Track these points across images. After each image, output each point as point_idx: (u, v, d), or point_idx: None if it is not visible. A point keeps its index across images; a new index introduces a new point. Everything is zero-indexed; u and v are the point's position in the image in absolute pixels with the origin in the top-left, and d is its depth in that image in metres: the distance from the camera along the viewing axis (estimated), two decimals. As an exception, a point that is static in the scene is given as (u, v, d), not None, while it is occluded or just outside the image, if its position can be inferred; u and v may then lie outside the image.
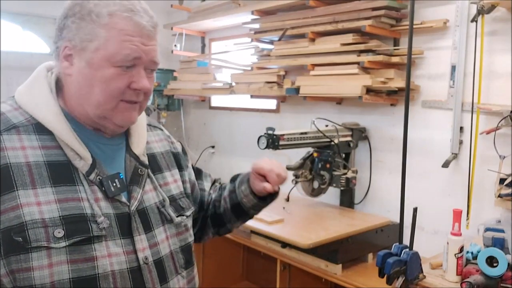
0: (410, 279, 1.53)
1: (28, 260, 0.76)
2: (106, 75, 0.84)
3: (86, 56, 0.84)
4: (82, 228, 0.81)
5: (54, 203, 0.80)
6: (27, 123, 0.84)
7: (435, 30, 2.25)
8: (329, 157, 2.40)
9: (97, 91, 0.85)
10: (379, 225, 2.27)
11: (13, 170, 0.79)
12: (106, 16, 0.84)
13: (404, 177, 2.06)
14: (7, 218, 0.76)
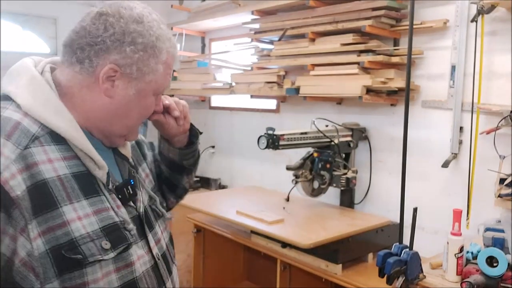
0: (410, 279, 1.53)
1: (82, 275, 0.75)
2: (148, 103, 0.90)
3: (139, 85, 0.86)
4: (121, 236, 0.83)
5: (92, 215, 0.80)
6: (43, 132, 0.79)
7: (435, 30, 2.25)
8: (329, 157, 2.40)
9: (134, 115, 0.89)
10: (379, 225, 2.27)
11: (51, 186, 0.76)
12: (165, 54, 0.88)
13: (404, 177, 2.06)
14: (53, 237, 0.74)
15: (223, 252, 2.93)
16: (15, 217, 0.71)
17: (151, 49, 0.86)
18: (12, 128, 0.75)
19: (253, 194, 2.97)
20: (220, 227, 2.59)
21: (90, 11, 0.88)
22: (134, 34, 0.85)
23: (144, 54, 0.86)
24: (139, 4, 0.90)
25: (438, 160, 2.23)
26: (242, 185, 3.47)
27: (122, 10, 0.86)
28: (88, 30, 0.84)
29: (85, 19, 0.87)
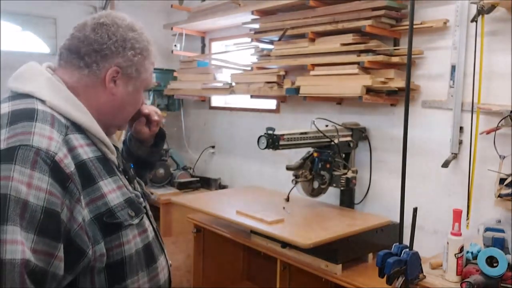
0: (410, 279, 1.53)
1: (119, 238, 0.91)
2: (140, 98, 1.09)
3: (136, 83, 1.04)
4: (138, 207, 0.99)
5: (117, 190, 0.95)
6: (68, 123, 0.92)
7: (435, 30, 2.25)
8: (329, 157, 2.40)
9: (130, 109, 1.08)
10: (379, 225, 2.27)
11: (88, 166, 0.90)
12: (152, 55, 1.06)
13: (404, 177, 2.06)
14: (95, 207, 0.88)
15: (223, 252, 2.93)
16: (71, 190, 0.83)
17: (145, 52, 1.04)
18: (51, 119, 0.88)
19: (253, 194, 2.97)
20: (220, 227, 2.59)
21: (86, 22, 0.99)
22: (132, 40, 1.00)
23: (141, 57, 1.02)
24: (126, 15, 1.04)
25: (438, 160, 2.23)
26: (242, 185, 3.47)
27: (117, 21, 1.00)
28: (93, 38, 0.97)
29: (84, 29, 0.98)
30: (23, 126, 0.83)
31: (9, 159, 0.78)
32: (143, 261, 0.97)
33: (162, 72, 4.02)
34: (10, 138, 0.81)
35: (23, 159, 0.79)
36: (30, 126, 0.83)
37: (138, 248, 0.96)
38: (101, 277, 0.89)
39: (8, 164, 0.77)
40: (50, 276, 0.78)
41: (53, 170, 0.81)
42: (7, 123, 0.84)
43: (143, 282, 0.96)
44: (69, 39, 1.00)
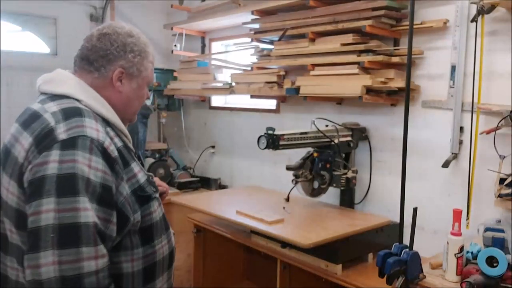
0: (410, 279, 1.53)
1: (149, 207, 1.14)
2: (144, 93, 1.26)
3: (138, 81, 1.22)
4: (155, 185, 1.21)
5: (140, 172, 1.15)
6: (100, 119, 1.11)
7: (435, 30, 2.25)
8: (329, 157, 2.40)
9: (137, 103, 1.25)
10: (379, 225, 2.27)
11: (122, 152, 1.10)
12: (151, 55, 1.24)
13: (404, 177, 2.06)
14: (131, 183, 1.10)
15: (223, 252, 2.93)
16: (117, 170, 1.05)
17: (144, 53, 1.22)
18: (94, 115, 1.09)
19: (253, 194, 2.97)
20: (220, 227, 2.59)
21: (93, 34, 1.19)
22: (131, 45, 1.19)
23: (140, 58, 1.21)
24: (127, 24, 1.23)
25: (438, 160, 2.23)
26: (242, 185, 3.47)
27: (117, 29, 1.19)
28: (98, 46, 1.17)
29: (91, 39, 1.18)
30: (76, 121, 1.03)
31: (72, 146, 0.98)
32: (163, 226, 1.20)
33: (162, 72, 4.02)
34: (68, 130, 1.01)
35: (83, 146, 0.99)
36: (81, 121, 1.03)
37: (160, 216, 1.19)
38: (136, 238, 1.10)
39: (72, 150, 0.98)
40: (107, 238, 1.00)
41: (104, 155, 1.02)
42: (62, 119, 1.02)
43: (164, 243, 1.19)
44: (80, 49, 1.20)
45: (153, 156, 3.67)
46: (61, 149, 0.97)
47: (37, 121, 1.04)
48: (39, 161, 0.97)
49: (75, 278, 0.90)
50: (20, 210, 0.99)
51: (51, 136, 0.99)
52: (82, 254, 0.92)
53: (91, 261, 0.93)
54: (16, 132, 1.07)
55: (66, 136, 0.99)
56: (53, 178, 0.95)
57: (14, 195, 1.01)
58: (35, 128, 1.02)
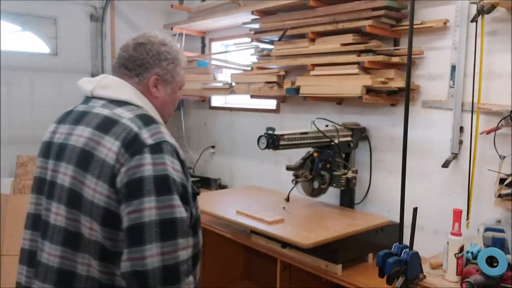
0: (410, 279, 1.53)
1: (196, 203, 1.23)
2: (177, 96, 1.35)
3: (172, 86, 1.30)
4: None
5: None
6: None
7: (435, 30, 2.25)
8: (329, 157, 2.40)
9: (171, 106, 1.34)
10: (379, 225, 2.27)
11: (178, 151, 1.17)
12: (183, 61, 1.33)
13: (404, 177, 2.06)
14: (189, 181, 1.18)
15: (223, 252, 2.93)
16: (186, 171, 1.16)
17: (176, 60, 1.29)
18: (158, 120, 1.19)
19: (253, 194, 2.97)
20: (220, 227, 2.59)
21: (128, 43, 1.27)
22: (165, 53, 1.27)
23: (174, 65, 1.29)
24: (158, 32, 1.31)
25: (438, 160, 2.23)
26: (242, 185, 3.47)
27: (151, 39, 1.27)
28: (135, 56, 1.25)
29: (128, 49, 1.26)
30: (155, 128, 1.13)
31: (160, 151, 1.09)
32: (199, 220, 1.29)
33: (162, 72, 4.02)
34: (152, 136, 1.11)
35: (167, 150, 1.10)
36: (159, 128, 1.14)
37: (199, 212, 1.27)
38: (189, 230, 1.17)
39: (161, 154, 1.09)
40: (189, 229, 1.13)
41: (178, 157, 1.14)
42: (143, 125, 1.12)
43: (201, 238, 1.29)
44: (117, 58, 1.27)
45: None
46: (151, 153, 1.08)
47: (116, 126, 1.12)
48: (135, 164, 1.06)
49: (174, 266, 1.04)
50: (109, 209, 1.07)
51: (139, 140, 1.09)
52: (179, 245, 1.05)
53: (184, 250, 1.07)
54: (92, 135, 1.13)
55: (153, 142, 1.10)
56: (151, 179, 1.05)
57: (103, 195, 1.07)
58: (118, 132, 1.11)
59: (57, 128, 1.25)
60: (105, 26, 3.94)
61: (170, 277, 1.04)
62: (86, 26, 3.87)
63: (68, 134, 1.18)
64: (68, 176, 1.13)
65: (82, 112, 1.21)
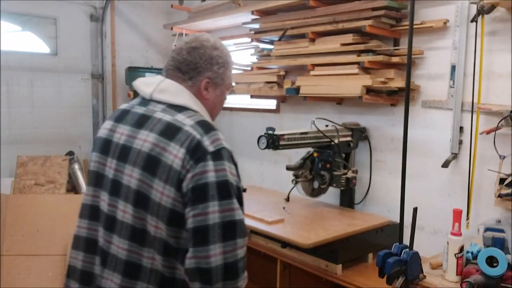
0: (410, 279, 1.53)
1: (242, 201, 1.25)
2: (224, 97, 1.43)
3: (221, 88, 1.38)
4: None
5: None
6: None
7: (435, 30, 2.25)
8: (329, 157, 2.40)
9: (219, 106, 1.42)
10: (379, 225, 2.27)
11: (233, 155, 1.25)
12: (232, 65, 1.41)
13: (404, 177, 2.06)
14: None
15: (223, 252, 2.92)
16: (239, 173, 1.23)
17: (227, 64, 1.37)
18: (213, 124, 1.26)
19: (253, 194, 2.97)
20: (220, 227, 2.59)
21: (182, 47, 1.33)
22: (217, 58, 1.34)
23: (224, 69, 1.37)
24: (210, 35, 1.37)
25: (438, 160, 2.23)
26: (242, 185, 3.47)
27: (204, 43, 1.33)
28: (189, 60, 1.31)
29: (182, 53, 1.32)
30: (214, 134, 1.21)
31: (220, 157, 1.18)
32: None
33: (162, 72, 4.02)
34: (213, 142, 1.19)
35: (226, 156, 1.19)
36: (217, 134, 1.22)
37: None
38: None
39: (221, 160, 1.18)
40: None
41: (233, 162, 1.23)
42: (204, 132, 1.20)
43: None
44: (171, 60, 1.33)
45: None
46: (213, 160, 1.17)
47: (180, 133, 1.21)
48: (200, 171, 1.15)
49: (234, 263, 1.14)
50: (175, 210, 1.17)
51: (202, 148, 1.18)
52: (237, 244, 1.15)
53: (242, 249, 1.16)
54: (158, 141, 1.21)
55: (214, 149, 1.18)
56: (214, 185, 1.15)
57: (170, 197, 1.17)
58: (182, 139, 1.19)
59: (115, 127, 1.30)
60: (105, 26, 3.94)
61: (230, 274, 1.14)
62: (86, 26, 3.87)
63: (130, 137, 1.25)
64: (134, 178, 1.21)
65: (142, 115, 1.28)
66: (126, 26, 4.09)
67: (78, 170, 3.51)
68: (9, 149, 3.45)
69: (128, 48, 4.12)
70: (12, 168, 3.37)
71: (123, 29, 4.06)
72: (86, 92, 3.91)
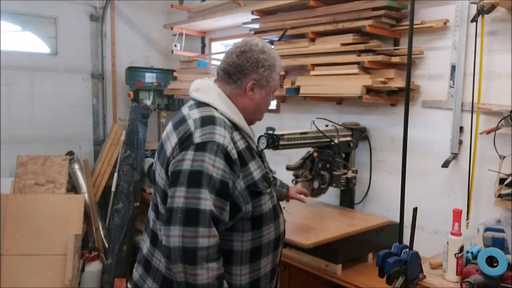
0: (410, 279, 1.53)
1: (260, 200, 1.38)
2: (270, 99, 1.52)
3: (267, 89, 1.47)
4: (269, 181, 1.44)
5: (257, 169, 1.40)
6: (230, 124, 1.39)
7: (435, 30, 2.25)
8: (329, 157, 2.40)
9: (264, 107, 1.52)
10: (379, 225, 2.27)
11: (243, 153, 1.36)
12: (278, 68, 1.49)
13: (404, 177, 2.06)
14: (246, 180, 1.35)
15: (223, 252, 2.92)
16: (235, 170, 1.32)
17: (273, 67, 1.45)
18: (224, 123, 1.36)
19: (253, 194, 2.96)
20: (220, 227, 2.59)
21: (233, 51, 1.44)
22: (263, 61, 1.43)
23: (269, 71, 1.44)
24: (259, 40, 1.47)
25: (438, 160, 2.23)
26: (242, 185, 3.47)
27: (252, 47, 1.43)
28: (237, 63, 1.42)
29: (232, 56, 1.43)
30: (209, 129, 1.31)
31: (203, 149, 1.28)
32: (272, 216, 1.43)
33: (162, 72, 4.02)
34: (202, 135, 1.29)
35: (211, 149, 1.27)
36: (213, 129, 1.31)
37: (269, 208, 1.42)
38: (247, 224, 1.36)
39: (202, 152, 1.27)
40: (221, 222, 1.28)
41: (226, 157, 1.29)
42: (200, 125, 1.32)
43: (271, 230, 1.43)
44: (222, 63, 1.45)
45: (153, 156, 3.66)
46: (195, 151, 1.27)
47: (183, 124, 1.35)
48: (179, 158, 1.28)
49: (192, 250, 1.22)
50: (165, 191, 1.32)
51: (190, 139, 1.30)
52: (199, 232, 1.22)
53: (204, 238, 1.23)
54: (169, 131, 1.39)
55: (200, 141, 1.29)
56: (186, 173, 1.26)
57: (163, 179, 1.34)
58: (180, 130, 1.33)
59: None
60: (105, 26, 3.94)
61: (189, 259, 1.22)
62: (86, 26, 3.87)
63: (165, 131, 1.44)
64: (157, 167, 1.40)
65: (178, 111, 1.46)
66: (126, 26, 4.09)
67: (78, 170, 3.50)
68: (9, 149, 3.45)
69: (128, 48, 4.12)
70: (12, 168, 3.37)
71: (123, 29, 4.07)
72: (86, 92, 3.91)
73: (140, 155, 3.49)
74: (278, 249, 1.50)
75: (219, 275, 1.26)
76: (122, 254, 3.33)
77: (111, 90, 4.03)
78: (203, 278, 1.23)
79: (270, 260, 1.45)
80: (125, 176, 3.45)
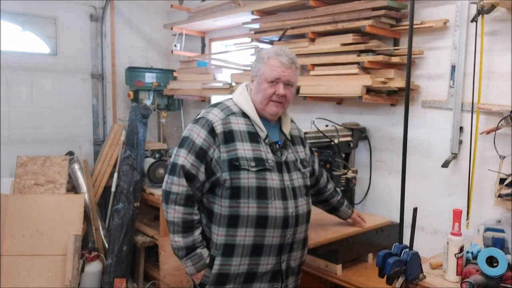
0: (410, 279, 1.53)
1: (238, 174, 1.61)
2: (263, 87, 1.69)
3: (257, 79, 1.71)
4: (262, 164, 1.64)
5: (250, 151, 1.64)
6: (239, 111, 1.70)
7: (435, 30, 2.25)
8: (329, 157, 2.40)
9: (260, 95, 1.70)
10: (379, 225, 2.27)
11: (234, 132, 1.65)
12: (266, 59, 1.69)
13: (404, 177, 2.06)
14: (229, 154, 1.62)
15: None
16: (215, 141, 1.63)
17: (259, 59, 1.71)
18: (225, 107, 1.71)
19: (253, 194, 2.96)
20: (220, 227, 2.58)
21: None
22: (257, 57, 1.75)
23: (255, 62, 1.74)
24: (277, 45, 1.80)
25: (438, 160, 2.23)
26: (242, 185, 3.46)
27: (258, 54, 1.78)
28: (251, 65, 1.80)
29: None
30: (209, 109, 1.70)
31: (196, 122, 1.68)
32: (254, 194, 1.61)
33: (162, 72, 4.02)
34: (201, 114, 1.71)
35: (201, 123, 1.66)
36: (211, 110, 1.70)
37: (251, 185, 1.61)
38: (226, 192, 1.62)
39: (195, 124, 1.68)
40: (196, 179, 1.63)
41: (210, 130, 1.63)
42: (207, 108, 1.73)
43: (252, 206, 1.61)
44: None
45: (153, 156, 3.67)
46: (192, 123, 1.69)
47: None
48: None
49: (167, 192, 1.64)
50: None
51: (195, 117, 1.72)
52: (173, 180, 1.63)
53: (176, 186, 1.62)
54: None
55: (197, 117, 1.70)
56: (181, 137, 1.70)
57: None
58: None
59: None
60: (105, 26, 3.94)
61: (164, 198, 1.65)
62: (86, 26, 3.87)
63: None
64: None
65: None
66: (126, 26, 4.09)
67: (78, 170, 3.50)
68: (9, 149, 3.45)
69: (128, 48, 4.12)
70: (12, 168, 3.37)
71: (123, 29, 4.06)
72: (86, 92, 3.91)
73: (140, 155, 3.49)
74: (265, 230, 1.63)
75: (184, 218, 1.62)
76: (122, 254, 3.33)
77: (111, 90, 4.03)
78: (170, 216, 1.63)
79: (252, 235, 1.61)
80: (125, 176, 3.45)
